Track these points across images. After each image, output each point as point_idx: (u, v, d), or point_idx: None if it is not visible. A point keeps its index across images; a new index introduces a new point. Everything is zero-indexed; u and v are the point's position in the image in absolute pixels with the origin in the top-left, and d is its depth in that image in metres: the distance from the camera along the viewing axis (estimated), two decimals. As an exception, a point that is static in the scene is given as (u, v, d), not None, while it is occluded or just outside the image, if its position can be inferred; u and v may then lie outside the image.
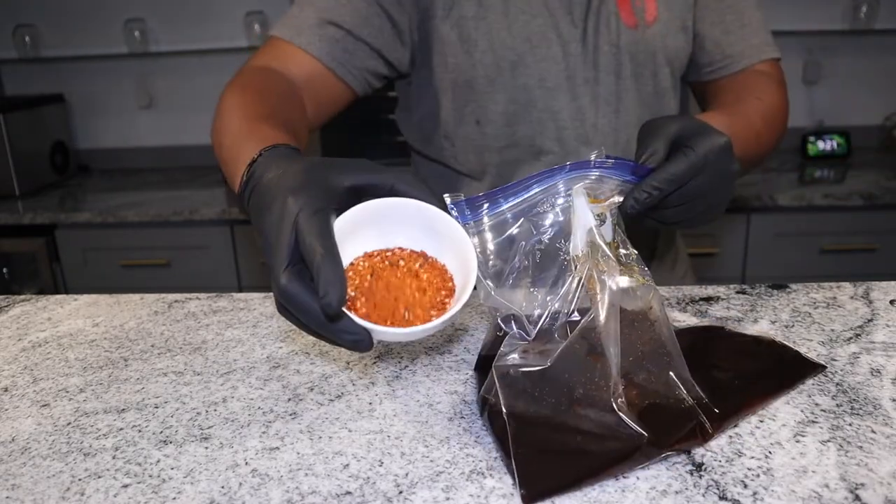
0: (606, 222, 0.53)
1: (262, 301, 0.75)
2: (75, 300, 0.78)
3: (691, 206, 0.57)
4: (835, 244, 1.88)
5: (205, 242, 1.96)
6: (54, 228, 1.97)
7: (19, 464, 0.48)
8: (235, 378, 0.59)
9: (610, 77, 0.82)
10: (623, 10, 0.81)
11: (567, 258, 0.51)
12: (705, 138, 0.55)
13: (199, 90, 2.38)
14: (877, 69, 2.26)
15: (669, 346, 0.49)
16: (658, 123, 0.57)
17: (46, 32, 2.36)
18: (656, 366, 0.49)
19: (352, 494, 0.43)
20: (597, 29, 0.81)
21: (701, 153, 0.54)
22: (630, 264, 0.51)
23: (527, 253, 0.51)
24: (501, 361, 0.49)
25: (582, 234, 0.50)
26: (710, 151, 0.55)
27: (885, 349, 0.59)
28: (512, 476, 0.43)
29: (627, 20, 0.81)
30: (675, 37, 0.84)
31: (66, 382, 0.59)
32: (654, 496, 0.42)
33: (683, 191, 0.55)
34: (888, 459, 0.44)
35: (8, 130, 2.07)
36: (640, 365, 0.48)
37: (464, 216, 0.50)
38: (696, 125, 0.57)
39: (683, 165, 0.54)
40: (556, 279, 0.51)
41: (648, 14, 0.82)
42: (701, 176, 0.55)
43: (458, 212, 0.50)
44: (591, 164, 0.51)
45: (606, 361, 0.47)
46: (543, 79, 0.81)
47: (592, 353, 0.48)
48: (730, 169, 0.57)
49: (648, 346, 0.49)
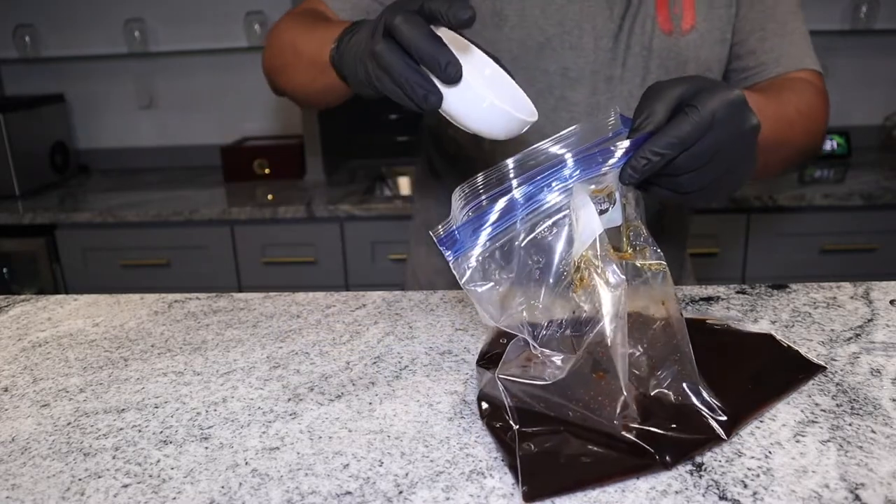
0: (616, 203, 0.49)
1: (262, 301, 0.75)
2: (75, 300, 0.78)
3: (706, 170, 0.51)
4: (835, 244, 1.88)
5: (205, 242, 1.96)
6: (54, 228, 1.97)
7: (19, 464, 0.48)
8: (235, 378, 0.59)
9: (636, 79, 0.81)
10: (661, 14, 0.79)
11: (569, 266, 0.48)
12: (712, 94, 0.50)
13: (199, 90, 2.38)
14: (877, 69, 2.26)
15: (682, 350, 0.47)
16: (660, 85, 0.52)
17: (46, 32, 2.36)
18: (668, 374, 0.47)
19: (352, 494, 0.43)
20: (632, 28, 0.79)
21: (707, 111, 0.49)
22: (642, 246, 0.48)
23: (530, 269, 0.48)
24: (504, 371, 0.48)
25: (586, 241, 0.47)
26: (719, 108, 0.49)
27: (885, 349, 0.59)
28: (514, 475, 0.43)
29: (664, 25, 0.79)
30: (711, 48, 0.81)
31: (66, 382, 0.59)
32: (654, 496, 0.42)
33: (692, 152, 0.50)
34: (888, 459, 0.44)
35: (8, 130, 2.07)
36: (651, 374, 0.47)
37: (455, 249, 0.48)
38: (703, 83, 0.51)
39: (686, 125, 0.49)
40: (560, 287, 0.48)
41: (685, 22, 0.80)
42: (710, 134, 0.49)
43: (447, 246, 0.48)
44: (600, 163, 0.48)
45: (612, 378, 0.45)
46: (567, 67, 0.79)
47: (598, 369, 0.46)
48: (747, 124, 0.51)
49: (660, 352, 0.47)
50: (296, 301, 0.75)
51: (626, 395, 0.45)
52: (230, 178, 2.21)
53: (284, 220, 1.91)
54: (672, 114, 0.50)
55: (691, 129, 0.48)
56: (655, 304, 0.49)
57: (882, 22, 2.18)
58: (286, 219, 1.91)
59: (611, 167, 0.48)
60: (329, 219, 1.90)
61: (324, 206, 1.88)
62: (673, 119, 0.50)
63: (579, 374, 0.46)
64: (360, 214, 1.87)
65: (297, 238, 1.93)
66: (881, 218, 1.85)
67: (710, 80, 0.52)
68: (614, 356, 0.45)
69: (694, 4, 0.80)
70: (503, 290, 0.48)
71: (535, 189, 0.48)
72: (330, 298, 0.75)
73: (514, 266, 0.48)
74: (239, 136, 2.39)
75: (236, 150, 2.22)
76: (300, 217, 1.89)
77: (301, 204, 1.89)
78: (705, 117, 0.49)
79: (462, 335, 0.65)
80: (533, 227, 0.48)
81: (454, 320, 0.68)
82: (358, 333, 0.66)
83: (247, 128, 2.40)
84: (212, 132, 2.41)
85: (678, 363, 0.47)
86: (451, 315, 0.69)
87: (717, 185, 0.53)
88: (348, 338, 0.65)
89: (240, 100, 2.37)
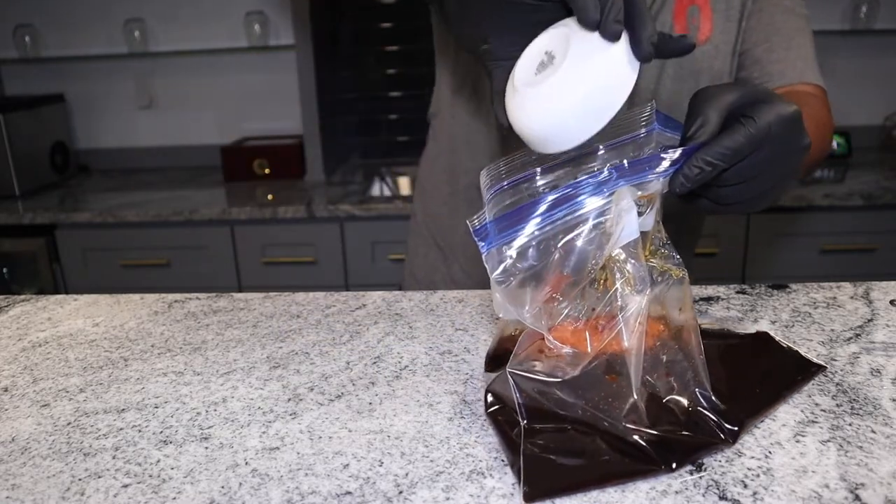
0: (652, 210, 0.47)
1: (262, 301, 0.75)
2: (75, 300, 0.78)
3: (752, 184, 0.50)
4: (835, 244, 1.88)
5: (205, 242, 1.96)
6: (54, 228, 1.97)
7: (19, 464, 0.48)
8: (235, 378, 0.59)
9: (649, 86, 0.81)
10: (678, 24, 0.79)
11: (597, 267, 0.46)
12: (770, 107, 0.48)
13: (199, 90, 2.38)
14: (877, 69, 2.25)
15: (695, 357, 0.47)
16: (712, 91, 0.50)
17: (46, 32, 2.36)
18: (680, 380, 0.47)
19: (352, 494, 0.43)
20: None
21: (763, 124, 0.47)
22: (661, 251, 0.48)
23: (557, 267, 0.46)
24: (515, 365, 0.47)
25: (623, 242, 0.46)
26: (776, 122, 0.47)
27: (885, 349, 0.59)
28: (516, 474, 0.43)
29: None
30: (724, 60, 0.81)
31: (66, 382, 0.59)
32: (654, 496, 0.42)
33: (742, 166, 0.48)
34: (888, 459, 0.44)
35: (8, 130, 2.07)
36: (663, 379, 0.47)
37: (488, 242, 0.46)
38: (759, 92, 0.50)
39: (742, 138, 0.47)
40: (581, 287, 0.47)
41: (701, 34, 0.80)
42: (763, 150, 0.48)
43: (481, 238, 0.46)
44: (647, 171, 0.46)
45: (624, 381, 0.45)
46: None
47: (611, 371, 0.46)
48: (800, 143, 0.50)
49: (674, 357, 0.47)
50: (296, 301, 0.75)
51: (635, 399, 0.45)
52: (230, 178, 2.21)
53: (284, 220, 1.91)
54: (724, 122, 0.48)
55: (746, 141, 0.47)
56: (673, 310, 0.48)
57: (882, 22, 2.18)
58: (286, 219, 1.91)
59: (657, 175, 0.46)
60: (329, 219, 1.90)
61: (324, 206, 1.88)
62: (728, 129, 0.48)
63: (592, 375, 0.46)
64: (360, 214, 1.87)
65: (297, 238, 1.93)
66: (881, 218, 1.85)
67: (764, 90, 0.51)
68: (629, 360, 0.45)
69: (711, 17, 0.80)
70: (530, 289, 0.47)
71: (576, 191, 0.46)
72: (330, 298, 0.75)
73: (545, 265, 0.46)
74: (239, 136, 2.39)
75: (236, 150, 2.22)
76: (300, 217, 1.89)
77: (301, 204, 1.89)
78: (762, 130, 0.47)
79: (462, 335, 0.65)
80: (570, 228, 0.46)
81: (454, 320, 0.68)
82: (358, 333, 0.66)
83: (247, 128, 2.40)
84: (212, 132, 2.41)
85: (691, 369, 0.47)
86: (451, 315, 0.69)
87: (758, 199, 0.51)
88: (348, 338, 0.65)
89: (240, 100, 2.38)
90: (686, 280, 0.48)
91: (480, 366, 0.58)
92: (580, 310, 0.47)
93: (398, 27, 2.34)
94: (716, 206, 0.52)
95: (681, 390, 0.47)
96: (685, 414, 0.46)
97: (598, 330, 0.46)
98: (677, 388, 0.47)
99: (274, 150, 2.21)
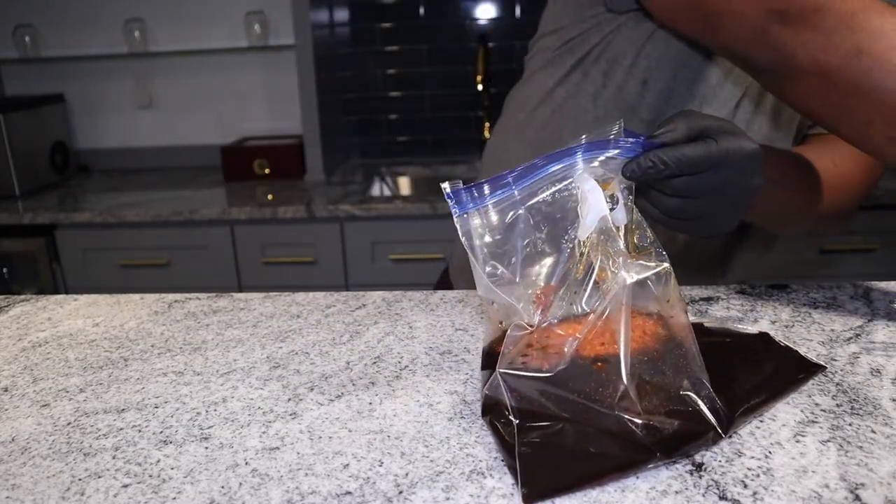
0: (619, 205, 0.50)
1: (262, 301, 0.75)
2: (75, 300, 0.78)
3: (697, 203, 0.53)
4: (835, 244, 1.88)
5: (205, 242, 1.96)
6: (54, 228, 1.97)
7: (19, 464, 0.48)
8: (235, 378, 0.59)
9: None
10: None
11: (573, 247, 0.49)
12: (735, 138, 0.52)
13: (199, 90, 2.38)
14: (877, 69, 2.25)
15: (687, 346, 0.47)
16: (691, 112, 0.54)
17: (46, 32, 2.36)
18: (671, 368, 0.47)
19: (352, 494, 0.43)
20: None
21: (723, 147, 0.51)
22: (647, 248, 0.49)
23: (532, 241, 0.49)
24: (505, 365, 0.48)
25: (592, 221, 0.48)
26: (735, 151, 0.51)
27: (885, 349, 0.59)
28: (514, 475, 0.43)
29: None
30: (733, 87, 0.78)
31: (66, 382, 0.59)
32: (654, 496, 0.42)
33: (692, 180, 0.52)
34: (888, 459, 0.44)
35: (8, 130, 2.07)
36: (654, 367, 0.47)
37: (463, 205, 0.49)
38: (729, 126, 0.53)
39: (701, 151, 0.51)
40: (561, 269, 0.49)
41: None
42: (717, 173, 0.51)
43: (457, 201, 0.49)
44: (610, 144, 0.49)
45: (612, 369, 0.46)
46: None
47: (599, 360, 0.46)
48: (751, 180, 0.53)
49: (664, 346, 0.47)
50: (296, 301, 0.75)
51: (626, 386, 0.45)
52: (230, 178, 2.21)
53: (284, 220, 1.91)
54: (691, 139, 0.52)
55: (704, 156, 0.51)
56: (660, 303, 0.49)
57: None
58: (286, 219, 1.91)
59: (618, 154, 0.50)
60: (329, 219, 1.90)
61: (324, 206, 1.88)
62: (691, 143, 0.52)
63: (580, 365, 0.47)
64: (360, 214, 1.87)
65: (297, 238, 1.93)
66: (881, 218, 1.85)
67: (738, 127, 0.54)
68: (617, 345, 0.45)
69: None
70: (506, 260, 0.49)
71: (543, 161, 0.49)
72: (330, 298, 0.75)
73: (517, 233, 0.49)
74: (239, 136, 2.39)
75: (236, 150, 2.22)
76: (300, 217, 1.89)
77: (301, 204, 1.89)
78: (720, 152, 0.51)
79: (462, 335, 0.65)
80: (536, 192, 0.49)
81: (454, 320, 0.68)
82: (358, 333, 0.66)
83: (247, 128, 2.40)
84: (212, 132, 2.41)
85: (682, 357, 0.47)
86: (451, 315, 0.69)
87: (699, 221, 0.55)
88: (348, 338, 0.65)
89: (240, 100, 2.38)
90: (671, 276, 0.49)
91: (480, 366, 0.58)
92: (565, 297, 0.49)
93: (398, 27, 2.34)
94: (660, 214, 0.56)
95: (670, 378, 0.47)
96: (675, 402, 0.47)
97: (584, 315, 0.48)
98: (667, 377, 0.47)
99: (274, 150, 2.21)
